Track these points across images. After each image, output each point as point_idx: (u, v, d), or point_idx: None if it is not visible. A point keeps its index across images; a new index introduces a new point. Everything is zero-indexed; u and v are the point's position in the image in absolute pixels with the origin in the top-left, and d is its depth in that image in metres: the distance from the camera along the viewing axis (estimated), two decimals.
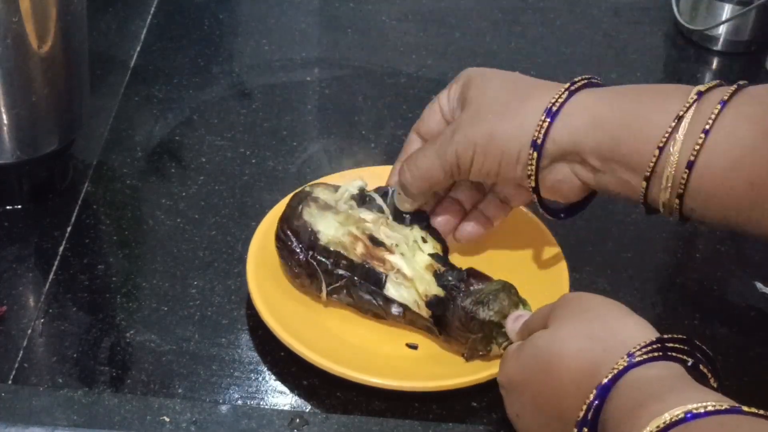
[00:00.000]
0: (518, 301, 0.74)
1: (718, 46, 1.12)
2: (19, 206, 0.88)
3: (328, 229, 0.78)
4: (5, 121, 0.82)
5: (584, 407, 0.58)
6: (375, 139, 0.98)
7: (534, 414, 0.64)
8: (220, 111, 1.01)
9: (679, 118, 0.67)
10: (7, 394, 0.72)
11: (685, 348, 0.59)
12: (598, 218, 0.90)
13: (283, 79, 1.05)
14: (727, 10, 1.09)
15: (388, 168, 0.82)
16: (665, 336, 0.59)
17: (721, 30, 1.11)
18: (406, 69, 1.08)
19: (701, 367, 0.59)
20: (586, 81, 0.73)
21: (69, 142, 0.88)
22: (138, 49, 1.08)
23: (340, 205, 0.79)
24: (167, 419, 0.71)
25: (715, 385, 0.60)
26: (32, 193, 0.88)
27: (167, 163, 0.94)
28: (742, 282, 0.86)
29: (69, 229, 0.86)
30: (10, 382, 0.74)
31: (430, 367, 0.75)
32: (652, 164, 0.67)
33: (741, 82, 0.69)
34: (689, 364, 0.59)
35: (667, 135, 0.67)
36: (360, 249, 0.77)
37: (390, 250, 0.77)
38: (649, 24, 1.16)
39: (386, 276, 0.76)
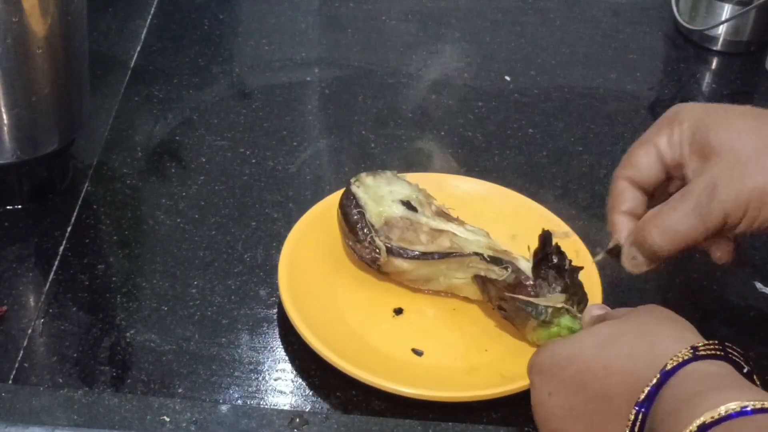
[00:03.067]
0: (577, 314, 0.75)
1: (718, 46, 1.12)
2: (20, 206, 0.88)
3: (404, 189, 0.81)
4: (5, 121, 0.82)
5: (646, 390, 0.57)
6: (375, 139, 0.98)
7: (571, 392, 0.62)
8: (220, 111, 1.01)
9: None
10: (8, 393, 0.72)
11: (743, 357, 0.60)
12: (599, 218, 0.90)
13: (283, 79, 1.06)
14: (727, 10, 1.09)
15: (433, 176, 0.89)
16: (727, 343, 0.60)
17: (721, 30, 1.11)
18: (406, 69, 1.08)
19: (755, 377, 0.59)
20: None
21: (69, 142, 0.88)
22: (138, 49, 1.08)
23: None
24: (167, 419, 0.71)
25: None
26: (32, 193, 0.88)
27: (167, 163, 0.94)
28: (742, 282, 0.86)
29: (69, 229, 0.86)
30: (10, 381, 0.74)
31: (432, 375, 0.75)
32: None
33: None
34: (745, 370, 0.59)
35: None
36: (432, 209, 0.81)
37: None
38: (649, 24, 1.16)
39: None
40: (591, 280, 0.80)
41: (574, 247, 0.83)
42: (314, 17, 1.15)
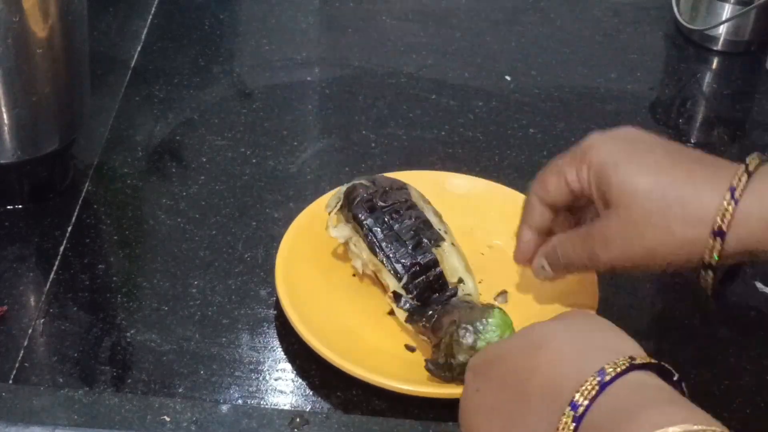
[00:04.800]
0: (474, 339, 0.71)
1: (718, 46, 1.12)
2: (20, 206, 0.88)
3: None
4: (6, 121, 0.82)
5: (585, 393, 0.56)
6: (375, 139, 0.98)
7: (495, 390, 0.62)
8: (220, 111, 1.01)
9: None
10: (8, 393, 0.72)
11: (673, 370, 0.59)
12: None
13: (284, 79, 1.06)
14: (727, 10, 1.09)
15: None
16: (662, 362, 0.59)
17: (721, 30, 1.11)
18: (406, 69, 1.08)
19: (683, 385, 0.59)
20: (747, 174, 0.66)
21: (70, 141, 0.89)
22: (138, 48, 1.08)
23: None
24: (168, 419, 0.71)
25: None
26: (33, 193, 0.88)
27: (168, 162, 0.94)
28: (742, 282, 0.86)
29: (70, 228, 0.86)
30: (10, 381, 0.74)
31: (424, 372, 0.75)
32: None
33: None
34: (675, 378, 0.59)
35: None
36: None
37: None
38: (649, 24, 1.16)
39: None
40: (586, 284, 0.80)
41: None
42: (314, 17, 1.15)
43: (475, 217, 0.85)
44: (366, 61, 1.09)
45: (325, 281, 0.81)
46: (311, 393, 0.75)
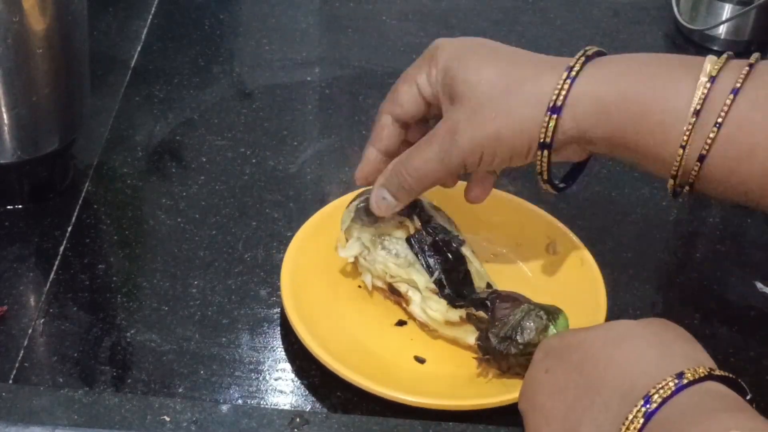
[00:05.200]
0: (547, 324, 0.72)
1: (718, 46, 1.12)
2: (20, 206, 0.88)
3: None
4: (6, 121, 0.82)
5: (661, 391, 0.57)
6: None
7: (566, 372, 0.62)
8: (220, 111, 1.01)
9: (695, 111, 0.66)
10: (8, 393, 0.72)
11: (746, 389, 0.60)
12: (598, 218, 0.91)
13: (284, 79, 1.06)
14: (727, 10, 1.09)
15: None
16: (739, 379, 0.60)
17: (721, 30, 1.11)
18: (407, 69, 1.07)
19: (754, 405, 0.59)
20: (585, 58, 0.71)
21: (69, 141, 0.89)
22: (138, 48, 1.08)
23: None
24: (168, 419, 0.71)
25: None
26: (33, 193, 0.88)
27: (168, 162, 0.94)
28: (742, 282, 0.86)
29: (69, 228, 0.86)
30: (10, 381, 0.74)
31: (434, 384, 0.75)
32: (676, 164, 0.67)
33: (752, 59, 0.69)
34: (747, 397, 0.59)
35: (688, 131, 0.66)
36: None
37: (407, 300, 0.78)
38: (649, 24, 1.16)
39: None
40: (594, 285, 0.80)
41: (579, 256, 0.83)
42: (314, 17, 1.15)
43: (479, 225, 0.84)
44: (366, 61, 1.09)
45: (332, 292, 0.80)
46: (311, 393, 0.75)
